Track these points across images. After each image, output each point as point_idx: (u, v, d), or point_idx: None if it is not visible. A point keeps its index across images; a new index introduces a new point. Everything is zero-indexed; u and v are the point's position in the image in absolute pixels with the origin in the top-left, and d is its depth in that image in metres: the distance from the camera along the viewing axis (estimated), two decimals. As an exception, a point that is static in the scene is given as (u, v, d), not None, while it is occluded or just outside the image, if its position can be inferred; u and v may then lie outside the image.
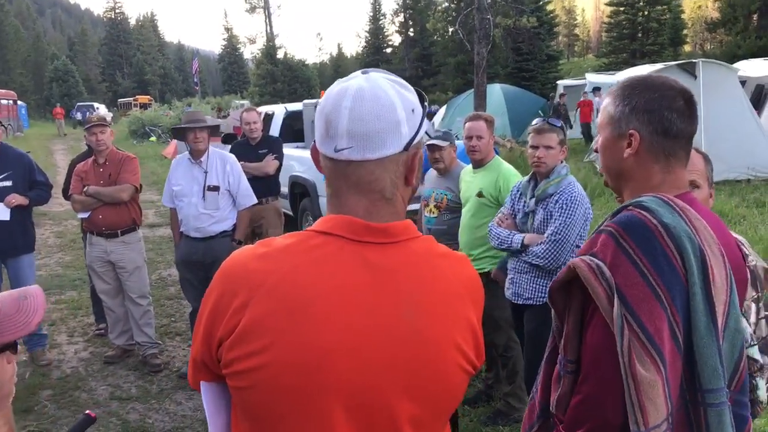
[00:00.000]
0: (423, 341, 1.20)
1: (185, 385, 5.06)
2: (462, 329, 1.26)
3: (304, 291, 1.15)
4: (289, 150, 7.72)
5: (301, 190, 8.91)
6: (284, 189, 8.60)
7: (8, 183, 5.15)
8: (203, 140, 5.00)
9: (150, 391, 5.04)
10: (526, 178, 3.79)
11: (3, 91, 32.68)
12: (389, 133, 1.21)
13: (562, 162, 3.69)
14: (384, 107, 1.20)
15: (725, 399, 1.48)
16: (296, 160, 9.01)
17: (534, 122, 3.76)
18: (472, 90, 20.27)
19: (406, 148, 1.23)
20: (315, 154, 1.29)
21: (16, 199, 5.13)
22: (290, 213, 9.04)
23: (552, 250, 3.53)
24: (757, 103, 14.86)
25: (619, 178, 1.72)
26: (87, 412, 1.68)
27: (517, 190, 3.84)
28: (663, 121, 1.60)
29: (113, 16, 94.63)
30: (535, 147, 3.67)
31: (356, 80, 1.23)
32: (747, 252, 2.28)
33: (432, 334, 1.21)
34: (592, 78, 22.25)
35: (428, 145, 4.60)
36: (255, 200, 5.25)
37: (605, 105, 1.71)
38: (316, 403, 1.15)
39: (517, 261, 3.75)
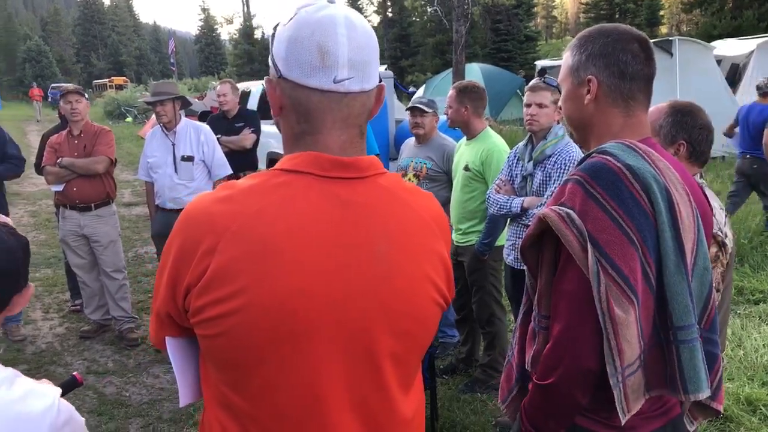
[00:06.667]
0: (399, 276, 1.19)
1: (162, 358, 5.03)
2: (434, 263, 1.25)
3: (274, 231, 1.11)
4: (266, 127, 7.63)
5: (278, 166, 8.83)
6: (261, 166, 8.54)
7: (-22, 154, 5.04)
8: (164, 114, 4.91)
9: (127, 365, 5.00)
10: (523, 141, 3.74)
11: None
12: (376, 63, 1.19)
13: (558, 123, 3.64)
14: (372, 37, 1.19)
15: (696, 335, 1.49)
16: (273, 136, 8.91)
17: (531, 82, 3.75)
18: (451, 70, 20.21)
19: (381, 79, 1.22)
20: (278, 89, 1.20)
21: None
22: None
23: None
24: (732, 81, 14.98)
25: (583, 127, 1.74)
26: (74, 374, 1.65)
27: (514, 155, 3.78)
28: (618, 63, 1.63)
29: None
30: (528, 105, 3.63)
31: (335, 8, 1.18)
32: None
33: (407, 269, 1.20)
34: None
35: (411, 108, 4.57)
36: (230, 170, 5.18)
37: (565, 59, 1.74)
38: (294, 344, 1.12)
39: (517, 226, 3.69)
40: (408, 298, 1.20)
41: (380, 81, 1.22)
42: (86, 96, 5.29)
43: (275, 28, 1.21)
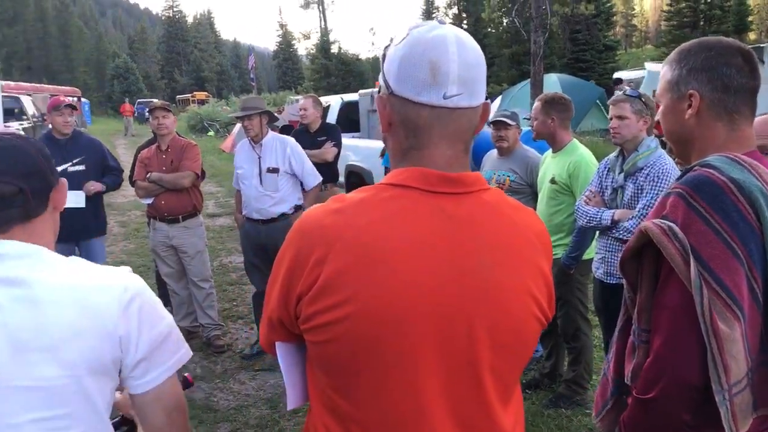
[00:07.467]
0: (502, 290, 1.20)
1: (248, 365, 5.17)
2: (536, 279, 1.26)
3: (383, 243, 1.14)
4: (345, 140, 7.76)
5: (357, 179, 8.95)
6: (340, 178, 8.67)
7: (81, 167, 5.27)
8: (251, 128, 5.05)
9: (214, 371, 5.15)
10: (614, 153, 3.68)
11: (68, 88, 33.50)
12: (483, 80, 1.22)
13: (651, 135, 3.55)
14: (480, 55, 1.22)
15: None
16: (352, 149, 9.05)
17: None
18: (528, 81, 20.00)
19: (487, 96, 1.24)
20: (388, 106, 1.24)
21: (95, 186, 5.27)
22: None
23: None
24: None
25: (684, 141, 1.71)
26: (186, 375, 1.70)
27: (605, 167, 3.71)
28: (722, 77, 1.59)
29: (171, 15, 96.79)
30: (610, 118, 3.59)
31: (446, 28, 1.21)
32: None
33: (510, 284, 1.21)
34: (652, 67, 21.63)
35: (494, 123, 4.55)
36: (320, 179, 5.31)
37: (663, 73, 1.72)
38: (398, 353, 1.15)
39: (607, 239, 3.60)
40: (510, 312, 1.21)
41: (486, 99, 1.24)
42: (172, 111, 5.51)
43: (386, 49, 1.25)
